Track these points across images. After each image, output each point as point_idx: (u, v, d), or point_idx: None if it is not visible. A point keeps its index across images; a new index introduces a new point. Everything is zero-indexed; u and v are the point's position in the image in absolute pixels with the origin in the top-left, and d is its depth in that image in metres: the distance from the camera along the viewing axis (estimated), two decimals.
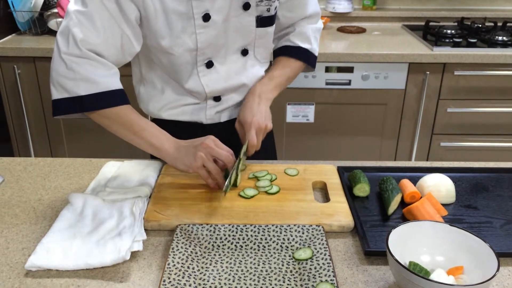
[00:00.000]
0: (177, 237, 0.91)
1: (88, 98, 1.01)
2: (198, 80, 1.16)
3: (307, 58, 1.29)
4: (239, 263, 0.88)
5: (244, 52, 1.19)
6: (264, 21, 1.17)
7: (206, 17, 1.07)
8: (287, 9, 1.24)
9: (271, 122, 1.19)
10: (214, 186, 1.07)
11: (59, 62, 1.01)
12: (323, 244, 0.90)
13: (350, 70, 2.26)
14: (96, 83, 1.01)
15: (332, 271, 0.82)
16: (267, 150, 1.39)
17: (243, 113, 1.17)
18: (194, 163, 1.04)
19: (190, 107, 1.23)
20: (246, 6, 1.11)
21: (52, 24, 2.41)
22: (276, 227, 0.95)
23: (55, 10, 2.37)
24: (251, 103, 1.18)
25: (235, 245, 0.92)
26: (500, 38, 2.34)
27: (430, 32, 2.49)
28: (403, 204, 1.05)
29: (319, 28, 1.32)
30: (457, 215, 1.03)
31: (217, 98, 1.22)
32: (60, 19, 2.39)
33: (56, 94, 1.03)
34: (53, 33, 2.45)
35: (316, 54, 1.32)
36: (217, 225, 0.95)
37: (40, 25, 2.44)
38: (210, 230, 0.94)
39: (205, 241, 0.93)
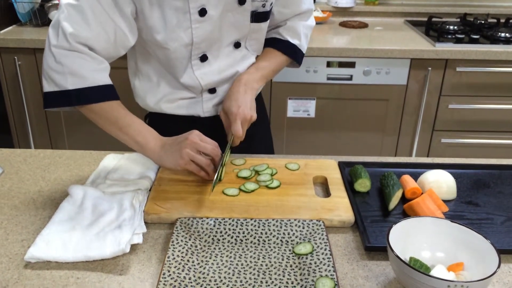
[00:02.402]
0: (177, 231, 0.91)
1: (75, 92, 1.00)
2: (193, 73, 1.16)
3: (294, 54, 1.28)
4: (239, 257, 0.88)
5: (237, 45, 1.19)
6: (258, 17, 1.16)
7: (203, 12, 1.06)
8: (282, 5, 1.23)
9: (256, 112, 1.18)
10: (208, 177, 1.06)
11: (49, 55, 1.00)
12: (323, 239, 0.90)
13: (351, 65, 2.25)
14: (84, 78, 1.00)
15: (332, 266, 0.82)
16: (265, 146, 1.38)
17: (229, 102, 1.15)
18: (180, 160, 1.02)
19: (186, 101, 1.22)
20: (242, 1, 1.10)
21: (53, 15, 2.40)
22: (277, 222, 0.94)
23: (56, 2, 2.36)
24: (236, 93, 1.16)
25: (235, 239, 0.92)
26: (502, 34, 2.33)
27: (432, 28, 2.48)
28: (404, 200, 1.05)
29: (310, 25, 1.31)
30: (458, 211, 1.03)
31: (212, 90, 1.22)
32: None
33: (47, 87, 1.02)
34: None
35: (304, 51, 1.31)
36: (217, 219, 0.95)
37: (41, 16, 2.43)
38: (210, 224, 0.94)
39: (205, 235, 0.92)
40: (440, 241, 0.85)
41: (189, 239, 0.90)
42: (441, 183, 1.06)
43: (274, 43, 1.27)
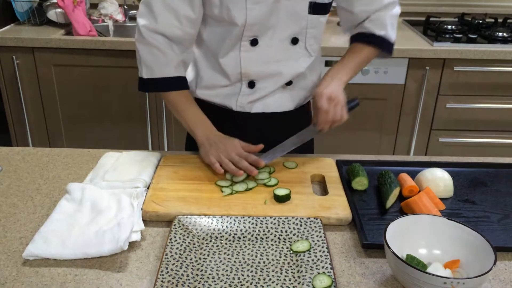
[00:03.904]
0: (175, 228, 0.91)
1: (147, 81, 1.16)
2: (238, 54, 1.16)
3: (381, 44, 1.27)
4: (236, 254, 0.88)
5: (295, 41, 1.18)
6: (317, 8, 1.15)
7: None
8: (365, 4, 1.21)
9: (346, 112, 1.17)
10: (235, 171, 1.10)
11: (136, 48, 1.16)
12: (320, 236, 0.90)
13: None
14: (152, 70, 1.15)
15: (330, 264, 0.83)
16: (307, 147, 1.36)
17: (316, 89, 1.17)
18: (209, 162, 1.13)
19: (224, 90, 1.23)
20: None
21: (51, 14, 2.40)
22: (274, 219, 0.95)
23: (54, 1, 2.35)
24: (323, 82, 1.18)
25: (233, 237, 0.92)
26: (500, 34, 2.34)
27: (430, 28, 2.49)
28: (401, 198, 1.05)
29: (396, 14, 1.27)
30: (455, 209, 1.03)
31: (251, 84, 1.21)
32: (59, 10, 2.38)
33: (139, 73, 1.19)
34: (52, 23, 2.44)
35: (392, 40, 1.28)
36: (215, 217, 0.95)
37: (39, 15, 2.43)
38: (208, 222, 0.94)
39: (203, 232, 0.93)
40: (436, 238, 0.85)
41: (187, 237, 0.90)
42: (438, 181, 1.07)
43: (359, 37, 1.26)
